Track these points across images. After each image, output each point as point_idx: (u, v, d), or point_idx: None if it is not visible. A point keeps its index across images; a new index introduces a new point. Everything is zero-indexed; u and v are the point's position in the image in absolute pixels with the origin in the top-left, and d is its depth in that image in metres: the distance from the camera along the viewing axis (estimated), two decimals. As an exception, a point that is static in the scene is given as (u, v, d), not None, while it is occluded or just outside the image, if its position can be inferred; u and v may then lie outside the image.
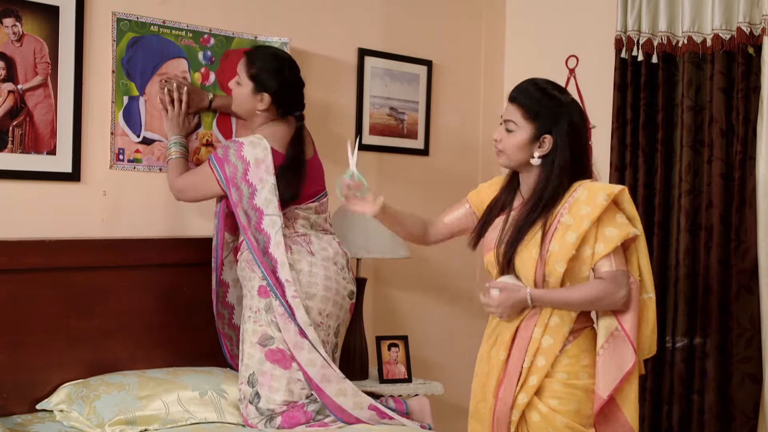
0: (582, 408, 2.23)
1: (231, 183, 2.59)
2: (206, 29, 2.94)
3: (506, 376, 2.25)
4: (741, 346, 3.06)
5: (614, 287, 2.18)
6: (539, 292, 2.21)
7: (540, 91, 2.29)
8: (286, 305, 2.53)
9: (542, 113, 2.26)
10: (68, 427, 2.44)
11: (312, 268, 2.62)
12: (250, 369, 2.57)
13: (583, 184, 2.24)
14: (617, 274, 2.18)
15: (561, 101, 2.27)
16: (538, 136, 2.26)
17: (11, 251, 2.52)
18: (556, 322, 2.22)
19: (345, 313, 2.74)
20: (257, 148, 2.60)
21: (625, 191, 2.23)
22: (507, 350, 2.26)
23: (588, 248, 2.18)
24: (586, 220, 2.16)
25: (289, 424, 2.52)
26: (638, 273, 2.25)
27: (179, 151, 2.77)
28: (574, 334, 2.24)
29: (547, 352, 2.22)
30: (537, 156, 2.27)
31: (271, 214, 2.58)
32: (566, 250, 2.17)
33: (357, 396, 2.54)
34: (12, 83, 2.56)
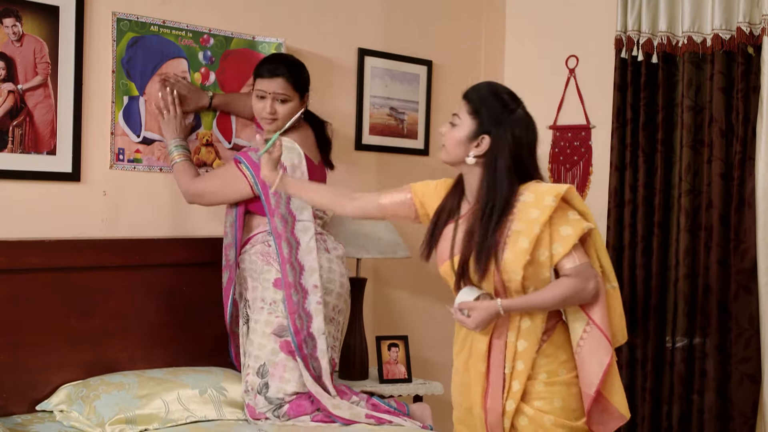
0: (567, 403, 2.23)
1: (267, 187, 2.54)
2: (206, 29, 2.94)
3: (490, 386, 2.24)
4: (740, 346, 3.07)
5: (582, 282, 2.16)
6: (510, 302, 2.18)
7: (492, 92, 2.26)
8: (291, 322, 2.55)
9: (485, 112, 2.22)
10: (68, 427, 2.44)
11: (330, 264, 2.68)
12: (261, 360, 2.57)
13: (529, 187, 2.21)
14: (582, 267, 2.17)
15: (509, 108, 2.22)
16: (477, 135, 2.22)
17: (11, 251, 2.52)
18: (527, 325, 2.21)
19: (348, 309, 2.81)
20: (292, 153, 2.63)
21: (572, 189, 2.21)
22: (485, 360, 2.25)
23: (544, 251, 2.15)
24: (537, 224, 2.14)
25: (295, 413, 2.54)
26: (598, 265, 2.24)
27: (182, 153, 2.74)
28: (547, 333, 2.24)
29: (524, 356, 2.21)
30: (472, 155, 2.23)
31: (304, 219, 2.62)
32: (520, 257, 2.15)
33: (353, 408, 2.56)
34: (12, 83, 2.56)
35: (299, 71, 2.75)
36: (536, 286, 2.20)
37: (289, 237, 2.59)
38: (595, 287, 2.18)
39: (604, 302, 2.22)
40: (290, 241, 2.59)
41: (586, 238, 2.23)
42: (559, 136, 3.69)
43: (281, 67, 2.69)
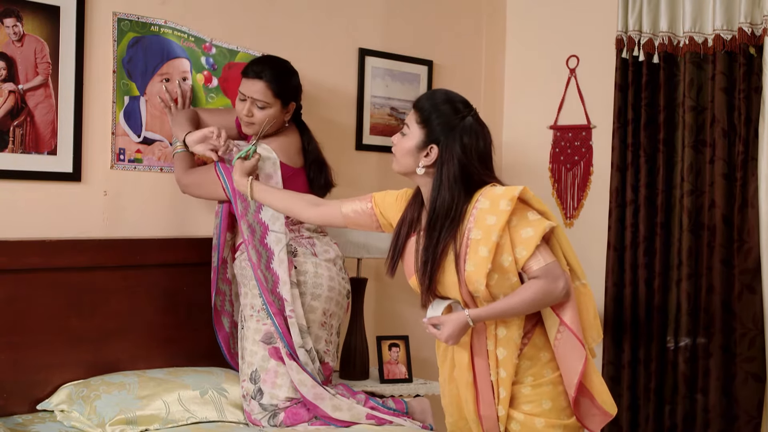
0: (556, 403, 2.22)
1: (237, 194, 2.58)
2: (208, 38, 2.94)
3: (480, 394, 2.22)
4: (744, 345, 3.06)
5: (551, 282, 2.12)
6: (478, 311, 2.14)
7: (443, 100, 2.22)
8: (278, 325, 2.53)
9: (434, 121, 2.18)
10: (69, 427, 2.44)
11: (317, 269, 2.64)
12: (253, 366, 2.57)
13: (484, 192, 2.15)
14: (549, 267, 2.12)
15: (459, 115, 2.18)
16: (426, 145, 2.18)
17: (12, 251, 2.52)
18: (503, 333, 2.18)
19: (343, 312, 2.77)
20: (266, 163, 2.60)
21: (527, 190, 2.15)
22: (470, 370, 2.23)
23: (507, 256, 2.11)
24: (494, 231, 2.08)
25: (292, 421, 2.52)
26: (565, 262, 2.20)
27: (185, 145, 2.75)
28: (527, 336, 2.21)
29: (505, 364, 2.19)
30: (422, 165, 2.19)
31: (276, 230, 2.58)
32: (482, 267, 2.10)
33: (353, 409, 2.54)
34: (13, 83, 2.56)
35: (285, 78, 2.68)
36: (505, 292, 2.15)
37: (257, 246, 2.57)
38: (564, 286, 2.13)
39: (574, 302, 2.18)
40: (259, 250, 2.57)
41: (550, 237, 2.18)
42: (560, 136, 3.69)
43: (266, 71, 2.63)
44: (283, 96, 2.67)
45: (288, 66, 2.75)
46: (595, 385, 2.21)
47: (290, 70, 2.74)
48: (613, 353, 3.40)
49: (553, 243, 2.19)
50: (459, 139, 2.16)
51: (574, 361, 2.18)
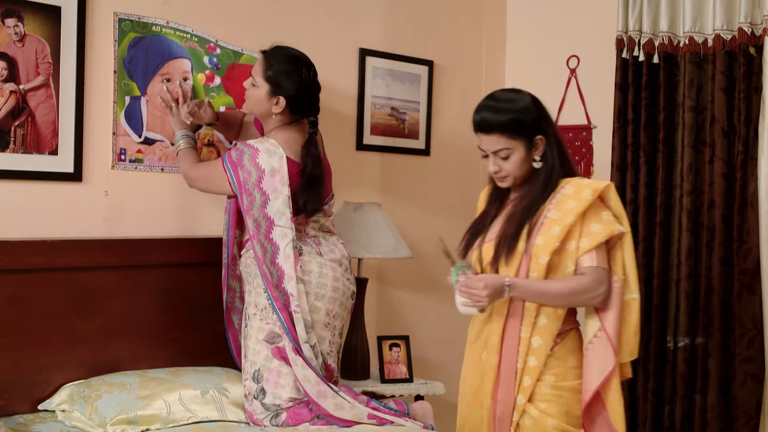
0: (571, 409, 2.25)
1: (243, 188, 2.57)
2: (212, 39, 2.94)
3: (501, 378, 2.26)
4: (743, 345, 3.06)
5: (594, 284, 2.18)
6: (517, 280, 2.20)
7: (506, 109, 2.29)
8: (284, 320, 2.52)
9: (523, 123, 2.28)
10: (70, 427, 2.44)
11: (322, 269, 2.62)
12: (256, 365, 2.57)
13: (571, 181, 2.26)
14: (599, 271, 2.19)
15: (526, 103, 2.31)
16: (531, 144, 2.29)
17: (13, 251, 2.52)
18: (543, 321, 2.23)
19: (347, 313, 2.76)
20: (273, 157, 2.57)
21: (612, 187, 2.25)
22: (498, 353, 2.27)
23: (573, 243, 2.19)
24: (571, 214, 2.18)
25: (294, 421, 2.52)
26: (623, 272, 2.25)
27: (188, 141, 2.76)
28: (561, 336, 2.26)
29: (537, 353, 2.23)
30: (538, 158, 2.30)
31: (282, 225, 2.56)
32: (550, 243, 2.18)
33: (354, 409, 2.53)
34: (14, 83, 2.57)
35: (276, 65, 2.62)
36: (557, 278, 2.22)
37: (262, 240, 2.56)
38: (604, 293, 2.19)
39: (618, 312, 2.22)
40: (264, 245, 2.56)
41: (616, 242, 2.24)
42: (561, 136, 3.69)
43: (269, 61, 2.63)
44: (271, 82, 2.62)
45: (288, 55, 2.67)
46: (613, 400, 2.23)
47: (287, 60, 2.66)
48: (612, 353, 3.41)
49: (617, 249, 2.25)
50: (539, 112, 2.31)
51: (600, 367, 2.21)
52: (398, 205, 3.50)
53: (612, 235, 2.20)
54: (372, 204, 3.18)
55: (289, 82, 2.62)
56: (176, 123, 2.79)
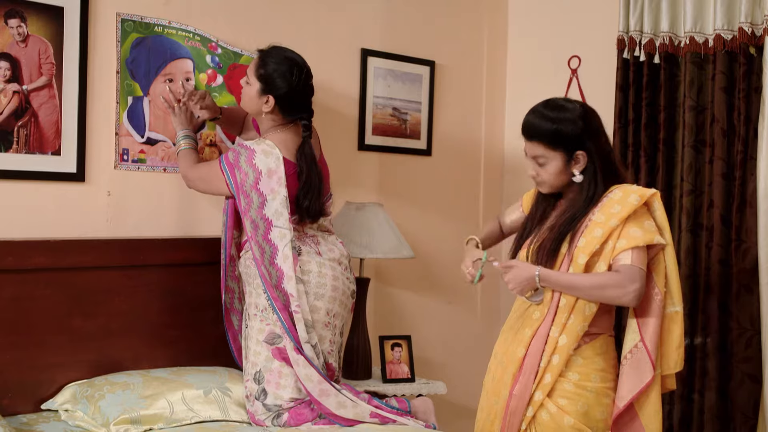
0: (591, 410, 2.25)
1: (240, 190, 2.57)
2: (214, 38, 2.94)
3: (522, 374, 2.28)
4: (741, 345, 3.07)
5: (625, 280, 2.18)
6: (548, 271, 2.24)
7: (550, 118, 2.29)
8: (284, 320, 2.52)
9: (564, 136, 2.27)
10: (73, 426, 2.45)
11: (321, 268, 2.63)
12: (257, 366, 2.57)
13: (621, 186, 2.28)
14: (632, 269, 2.18)
15: (573, 116, 2.28)
16: (571, 157, 2.29)
17: (16, 251, 2.53)
18: (572, 321, 2.24)
19: (348, 312, 2.76)
20: (270, 158, 2.57)
21: (657, 196, 2.26)
22: (526, 347, 2.29)
23: (610, 243, 2.21)
24: (615, 218, 2.20)
25: (296, 421, 2.53)
26: (664, 284, 2.25)
27: (189, 142, 2.76)
28: (590, 337, 2.27)
29: (561, 351, 2.25)
30: (578, 173, 2.30)
31: (280, 226, 2.56)
32: (591, 245, 2.21)
33: (357, 407, 2.54)
34: (17, 84, 2.57)
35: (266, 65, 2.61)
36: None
37: (261, 242, 2.56)
38: (635, 291, 2.17)
39: (657, 325, 2.24)
40: (263, 246, 2.56)
41: (658, 253, 2.25)
42: (561, 136, 3.69)
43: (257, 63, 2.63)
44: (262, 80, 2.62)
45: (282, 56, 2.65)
46: (649, 411, 2.24)
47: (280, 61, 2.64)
48: (613, 353, 3.41)
49: (659, 260, 2.26)
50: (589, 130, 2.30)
51: (637, 379, 2.22)
52: (400, 205, 3.51)
53: (651, 242, 2.21)
54: (374, 204, 3.19)
55: (279, 82, 2.61)
56: (178, 123, 2.80)
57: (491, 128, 3.83)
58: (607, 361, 2.29)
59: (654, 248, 2.24)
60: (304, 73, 2.65)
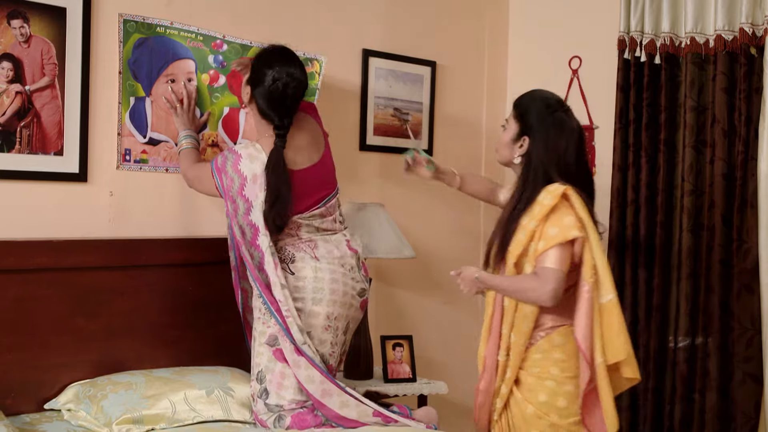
0: (553, 399, 2.36)
1: (227, 195, 2.57)
2: (219, 35, 2.94)
3: (486, 371, 2.46)
4: (742, 345, 3.08)
5: (538, 283, 2.27)
6: (484, 274, 2.43)
7: (539, 98, 2.44)
8: (281, 322, 2.51)
9: (528, 115, 2.42)
10: (76, 426, 2.45)
11: (317, 273, 2.60)
12: (259, 366, 2.58)
13: (548, 187, 2.35)
14: (548, 271, 2.27)
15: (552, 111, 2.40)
16: (520, 136, 2.43)
17: (19, 251, 2.54)
18: (519, 320, 2.37)
19: (355, 311, 2.70)
20: (255, 162, 2.54)
21: (570, 190, 2.31)
22: (485, 347, 2.48)
23: (533, 244, 2.32)
24: (533, 219, 2.32)
25: (299, 426, 2.51)
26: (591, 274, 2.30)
27: (190, 142, 2.77)
28: (547, 331, 2.37)
29: (514, 348, 2.39)
30: (517, 155, 2.44)
31: (262, 233, 2.53)
32: (516, 248, 2.35)
33: (360, 406, 2.53)
34: (20, 84, 2.58)
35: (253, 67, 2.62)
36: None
37: (249, 247, 2.55)
38: (551, 292, 2.26)
39: (586, 316, 2.29)
40: (251, 251, 2.55)
41: (583, 245, 2.31)
42: (562, 137, 3.70)
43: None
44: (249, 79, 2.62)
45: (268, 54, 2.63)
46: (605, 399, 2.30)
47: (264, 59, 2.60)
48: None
49: (586, 252, 2.32)
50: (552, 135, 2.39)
51: (584, 373, 2.30)
52: (401, 205, 3.51)
53: (568, 238, 2.27)
54: (375, 204, 3.19)
55: (258, 81, 2.58)
56: (180, 123, 2.81)
57: (492, 128, 3.84)
58: (566, 352, 2.37)
59: (578, 241, 2.29)
60: (284, 77, 2.55)
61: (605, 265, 2.32)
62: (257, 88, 2.58)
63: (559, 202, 2.30)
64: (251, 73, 2.62)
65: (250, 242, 2.56)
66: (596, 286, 2.30)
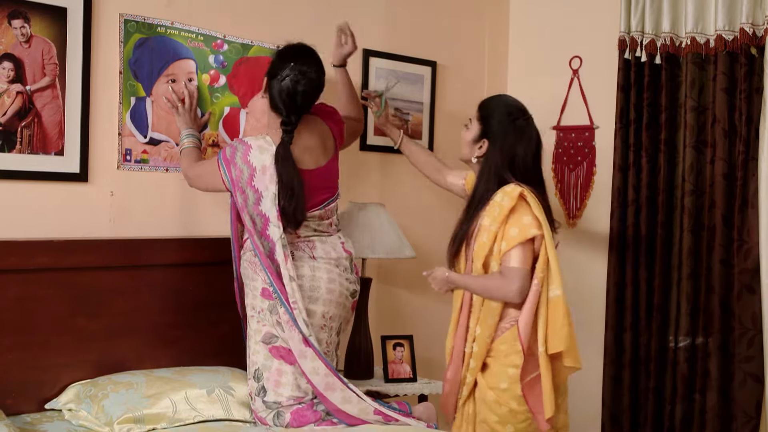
0: (512, 387, 2.50)
1: (236, 186, 2.57)
2: (220, 35, 2.95)
3: (452, 361, 2.60)
4: (743, 345, 3.08)
5: (504, 282, 2.45)
6: (454, 275, 2.57)
7: (503, 104, 2.60)
8: (291, 312, 2.52)
9: (490, 119, 2.57)
10: (77, 426, 2.46)
11: (315, 272, 2.62)
12: (256, 365, 2.59)
13: (504, 187, 2.49)
14: (513, 270, 2.44)
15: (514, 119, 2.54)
16: (480, 138, 2.59)
17: (20, 251, 2.54)
18: (485, 315, 2.52)
19: (347, 312, 2.75)
20: (264, 154, 2.56)
21: (526, 192, 2.46)
22: (452, 339, 2.62)
23: (496, 245, 2.48)
24: (495, 222, 2.46)
25: (298, 423, 2.53)
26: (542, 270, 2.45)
27: (192, 141, 2.79)
28: (511, 323, 2.51)
29: (479, 340, 2.53)
30: (475, 155, 2.61)
31: (273, 223, 2.55)
32: (483, 250, 2.49)
33: (362, 403, 2.54)
34: (20, 84, 2.58)
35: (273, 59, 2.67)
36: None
37: (259, 237, 2.56)
38: (517, 290, 2.44)
39: (531, 309, 2.45)
40: (262, 241, 2.56)
41: (541, 242, 2.46)
42: (563, 137, 3.70)
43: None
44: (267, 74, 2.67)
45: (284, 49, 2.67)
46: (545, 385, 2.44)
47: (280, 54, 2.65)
48: (614, 353, 3.42)
49: (542, 247, 2.47)
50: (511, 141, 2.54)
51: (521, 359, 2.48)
52: (401, 205, 3.52)
53: (528, 237, 2.43)
54: (375, 204, 3.19)
55: (273, 73, 2.62)
56: (182, 123, 2.81)
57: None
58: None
59: (538, 239, 2.45)
60: (295, 73, 2.58)
61: (556, 262, 2.46)
62: (271, 80, 2.62)
63: (517, 203, 2.45)
64: (270, 65, 2.66)
65: (260, 232, 2.56)
66: (546, 280, 2.45)
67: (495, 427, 2.50)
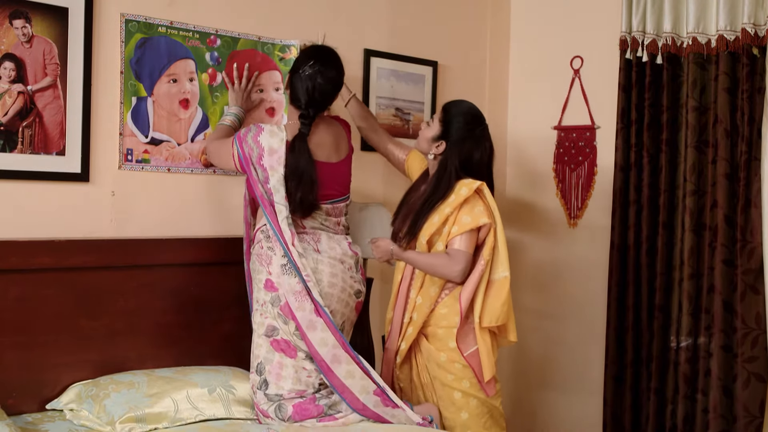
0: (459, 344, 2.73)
1: (248, 162, 2.64)
2: (212, 30, 2.95)
3: (392, 331, 2.83)
4: (747, 345, 3.07)
5: (450, 262, 2.68)
6: (398, 249, 2.76)
7: (465, 111, 2.79)
8: (304, 281, 2.56)
9: (450, 124, 2.78)
10: (78, 425, 2.46)
11: (318, 265, 2.65)
12: (258, 358, 2.61)
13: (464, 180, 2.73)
14: (459, 253, 2.68)
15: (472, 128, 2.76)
16: (439, 138, 2.79)
17: (21, 251, 2.54)
18: (427, 286, 2.76)
19: (351, 311, 2.76)
20: (274, 138, 2.65)
21: (484, 186, 2.73)
22: (392, 310, 2.85)
23: (447, 227, 2.70)
24: (449, 206, 2.70)
25: (300, 416, 2.54)
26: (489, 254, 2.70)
27: (230, 120, 2.89)
28: (450, 289, 2.75)
29: (419, 310, 2.77)
30: (432, 154, 2.81)
31: (278, 202, 2.62)
32: (429, 228, 2.72)
33: (364, 379, 2.57)
34: (22, 84, 2.58)
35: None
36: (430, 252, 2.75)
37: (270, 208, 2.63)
38: (460, 271, 2.68)
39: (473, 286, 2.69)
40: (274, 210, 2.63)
41: (489, 230, 2.71)
42: (564, 137, 3.70)
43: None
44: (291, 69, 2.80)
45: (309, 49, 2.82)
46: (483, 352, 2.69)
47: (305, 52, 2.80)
48: (615, 353, 3.42)
49: (491, 236, 2.72)
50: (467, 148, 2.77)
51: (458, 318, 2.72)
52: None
53: (478, 225, 2.68)
54: (376, 204, 3.19)
55: (295, 68, 2.74)
56: (232, 99, 2.95)
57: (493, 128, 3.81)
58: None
59: (485, 227, 2.70)
60: (314, 70, 2.70)
61: (505, 247, 2.71)
62: (293, 75, 2.74)
63: (472, 194, 2.70)
64: (294, 62, 2.78)
65: (272, 204, 2.63)
66: (491, 263, 2.70)
67: (452, 384, 2.71)
